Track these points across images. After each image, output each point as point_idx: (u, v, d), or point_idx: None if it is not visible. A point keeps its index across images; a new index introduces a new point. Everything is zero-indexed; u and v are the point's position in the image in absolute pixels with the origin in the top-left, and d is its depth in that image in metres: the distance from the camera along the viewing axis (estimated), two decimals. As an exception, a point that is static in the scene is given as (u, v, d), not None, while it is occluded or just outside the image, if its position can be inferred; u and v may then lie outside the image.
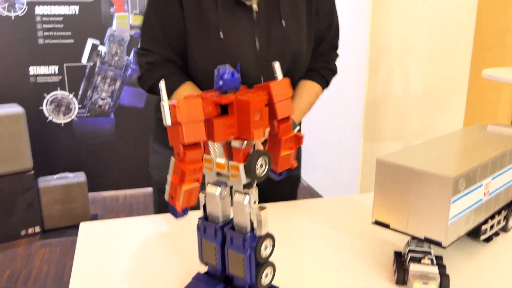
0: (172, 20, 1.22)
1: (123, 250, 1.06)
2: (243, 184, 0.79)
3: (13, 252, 2.61)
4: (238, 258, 0.82)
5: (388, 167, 0.94)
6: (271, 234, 0.82)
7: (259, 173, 0.79)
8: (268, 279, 0.84)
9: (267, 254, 0.83)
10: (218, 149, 0.81)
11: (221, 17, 1.20)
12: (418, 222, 0.91)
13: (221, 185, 0.83)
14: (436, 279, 0.89)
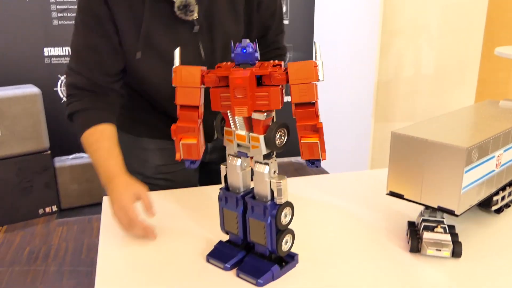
0: (106, 42, 1.11)
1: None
2: (263, 155, 0.83)
3: (31, 230, 2.69)
4: (259, 225, 0.86)
5: (402, 139, 0.97)
6: (291, 202, 0.86)
7: (278, 144, 0.82)
8: (287, 246, 0.88)
9: (287, 222, 0.87)
10: (238, 121, 0.84)
11: (164, 41, 1.13)
12: (431, 192, 0.94)
13: (241, 156, 0.87)
14: (449, 246, 0.93)
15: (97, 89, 1.13)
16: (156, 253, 0.96)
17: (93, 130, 1.07)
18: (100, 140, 1.06)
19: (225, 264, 0.90)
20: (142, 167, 1.30)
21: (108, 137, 1.07)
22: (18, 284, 2.17)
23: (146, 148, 1.30)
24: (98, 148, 1.05)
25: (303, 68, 0.78)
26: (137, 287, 0.85)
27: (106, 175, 1.01)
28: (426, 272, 0.89)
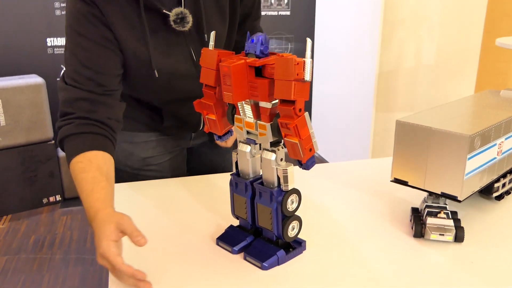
0: (105, 55, 1.06)
1: (158, 208, 1.13)
2: (270, 142, 0.85)
3: (36, 219, 2.72)
4: (266, 211, 0.89)
5: (407, 127, 0.99)
6: (297, 189, 0.89)
7: None
8: (294, 232, 0.91)
9: (293, 208, 0.89)
10: (246, 109, 0.87)
11: (155, 55, 1.11)
12: (435, 179, 0.97)
13: (251, 143, 0.90)
14: (451, 231, 0.96)
15: (96, 96, 1.04)
16: (168, 236, 0.99)
17: (81, 158, 0.95)
18: (86, 170, 0.93)
19: (233, 248, 0.93)
20: (128, 160, 1.30)
21: (96, 167, 0.94)
22: (25, 271, 2.21)
23: (130, 142, 1.29)
24: (82, 179, 0.91)
25: (285, 65, 0.76)
26: (148, 267, 0.88)
27: (89, 214, 0.88)
28: (430, 256, 0.93)
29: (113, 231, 0.80)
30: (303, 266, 0.89)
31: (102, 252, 0.79)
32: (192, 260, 0.91)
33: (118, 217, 0.83)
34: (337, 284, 0.84)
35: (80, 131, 1.00)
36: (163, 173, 1.34)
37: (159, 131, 1.32)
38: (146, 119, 1.29)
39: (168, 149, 1.35)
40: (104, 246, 0.79)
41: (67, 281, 2.14)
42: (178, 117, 1.29)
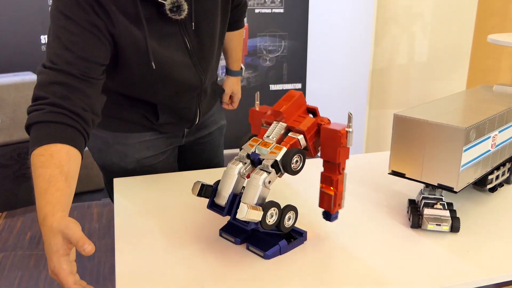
0: (91, 42, 1.01)
1: (159, 202, 1.15)
2: (272, 163, 0.86)
3: (32, 216, 2.72)
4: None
5: (404, 121, 1.02)
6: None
7: (295, 168, 0.88)
8: (290, 222, 0.92)
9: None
10: (278, 129, 0.91)
11: (151, 44, 1.10)
12: (431, 171, 1.00)
13: (251, 159, 0.90)
14: (448, 221, 0.99)
15: (73, 81, 0.96)
16: (171, 228, 1.01)
17: (43, 151, 0.86)
18: (45, 166, 0.84)
19: (236, 238, 0.95)
20: (122, 161, 1.30)
21: (57, 164, 0.85)
22: (22, 268, 2.21)
23: (124, 143, 1.29)
24: (39, 175, 0.83)
25: (333, 135, 0.88)
26: (153, 256, 0.90)
27: (38, 216, 0.80)
28: (427, 245, 0.95)
29: (61, 245, 0.74)
30: (304, 256, 0.92)
31: (53, 269, 0.74)
32: (196, 251, 0.93)
33: (63, 226, 0.75)
34: (337, 273, 0.87)
35: (48, 120, 0.90)
36: (155, 173, 1.34)
37: (153, 130, 1.31)
38: (140, 119, 1.28)
39: (162, 149, 1.35)
40: (55, 263, 0.73)
41: (64, 277, 2.15)
42: (174, 112, 1.30)
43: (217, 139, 1.52)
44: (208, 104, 1.41)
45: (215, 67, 1.34)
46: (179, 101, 1.28)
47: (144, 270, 0.87)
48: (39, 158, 0.86)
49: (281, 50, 3.61)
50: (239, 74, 1.57)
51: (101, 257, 2.32)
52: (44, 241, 0.77)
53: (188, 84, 1.24)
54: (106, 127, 1.27)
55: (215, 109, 1.49)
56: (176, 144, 1.40)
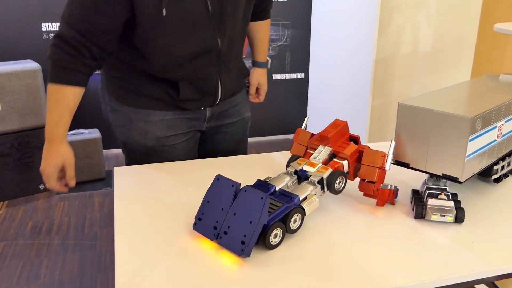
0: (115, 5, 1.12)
1: (158, 190, 1.14)
2: (319, 180, 0.98)
3: (33, 205, 2.72)
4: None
5: (409, 110, 1.00)
6: (304, 211, 0.94)
7: (337, 187, 1.01)
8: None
9: (295, 227, 0.94)
10: (324, 152, 1.04)
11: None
12: (436, 160, 0.98)
13: (298, 175, 1.03)
14: (452, 211, 0.97)
15: (82, 45, 1.13)
16: (172, 218, 1.00)
17: (59, 88, 1.14)
18: (59, 102, 1.14)
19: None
20: (143, 138, 1.31)
21: (67, 104, 1.15)
22: (24, 257, 2.21)
23: (146, 120, 1.30)
24: (53, 109, 1.14)
25: (373, 155, 1.02)
26: (152, 249, 0.89)
27: (48, 136, 1.17)
28: (431, 236, 0.94)
29: (59, 166, 1.17)
30: (303, 245, 0.91)
31: (47, 174, 1.17)
32: (195, 245, 0.92)
33: (66, 157, 1.18)
34: (338, 264, 0.86)
35: (66, 65, 1.13)
36: (175, 154, 1.35)
37: (175, 108, 1.31)
38: (162, 94, 1.29)
39: (183, 129, 1.35)
40: (50, 171, 1.16)
41: (66, 266, 2.15)
42: (195, 86, 1.28)
43: (240, 132, 1.50)
44: (231, 81, 1.37)
45: (238, 44, 1.33)
46: (198, 68, 1.26)
47: (144, 263, 0.86)
48: (55, 95, 1.14)
49: (284, 39, 3.58)
50: (265, 66, 1.57)
51: (102, 246, 2.32)
52: (47, 151, 1.17)
53: (203, 45, 1.23)
54: (129, 103, 1.30)
55: (241, 99, 1.47)
56: (197, 128, 1.39)
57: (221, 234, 0.88)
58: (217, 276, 0.82)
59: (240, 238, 0.85)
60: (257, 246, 0.90)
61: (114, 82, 1.31)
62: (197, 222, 0.93)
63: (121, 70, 1.28)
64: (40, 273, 2.10)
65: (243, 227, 0.86)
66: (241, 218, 0.87)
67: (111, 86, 1.32)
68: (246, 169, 1.26)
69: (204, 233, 0.91)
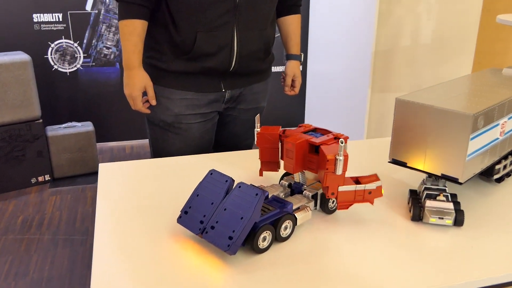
0: None
1: (143, 187, 1.09)
2: (313, 194, 0.96)
3: (25, 199, 2.66)
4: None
5: (406, 106, 0.95)
6: (295, 219, 0.90)
7: (331, 206, 0.98)
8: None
9: (286, 235, 0.89)
10: (307, 174, 0.98)
11: None
12: (435, 160, 0.93)
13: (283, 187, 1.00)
14: (451, 214, 0.92)
15: None
16: (157, 219, 0.95)
17: (129, 23, 1.33)
18: (132, 34, 1.34)
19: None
20: (163, 114, 1.45)
21: (138, 34, 1.35)
22: (13, 252, 2.17)
23: (168, 97, 1.43)
24: (128, 40, 1.34)
25: (323, 159, 0.89)
26: (133, 251, 0.84)
27: (127, 64, 1.37)
28: (428, 240, 0.89)
29: (142, 89, 1.39)
30: (292, 248, 0.85)
31: (134, 96, 1.39)
32: (178, 250, 0.87)
33: (146, 81, 1.40)
34: (331, 267, 0.80)
35: (133, 0, 1.33)
36: (191, 132, 1.46)
37: (195, 87, 1.42)
38: (185, 67, 1.39)
39: (201, 110, 1.45)
40: (136, 93, 1.38)
41: (55, 262, 2.10)
42: (211, 35, 1.34)
43: (252, 119, 1.61)
44: (250, 43, 1.41)
45: (262, 8, 1.39)
46: (214, 17, 1.32)
47: (121, 267, 0.81)
48: (127, 28, 1.34)
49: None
50: (299, 59, 1.64)
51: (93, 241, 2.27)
52: (129, 78, 1.38)
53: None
54: (156, 81, 1.43)
55: (261, 88, 1.56)
56: (216, 109, 1.49)
57: (208, 228, 0.84)
58: (199, 281, 0.76)
59: (228, 234, 0.81)
60: (244, 250, 0.85)
61: (148, 62, 1.45)
62: (182, 216, 0.88)
63: (153, 49, 1.42)
64: (29, 269, 2.05)
65: (233, 223, 0.81)
66: (232, 213, 0.82)
67: (145, 67, 1.45)
68: (241, 166, 1.21)
69: (189, 227, 0.86)
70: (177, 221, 0.89)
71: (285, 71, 1.65)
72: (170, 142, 1.48)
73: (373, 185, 0.90)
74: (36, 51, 3.05)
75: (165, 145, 1.49)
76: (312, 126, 1.00)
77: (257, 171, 1.18)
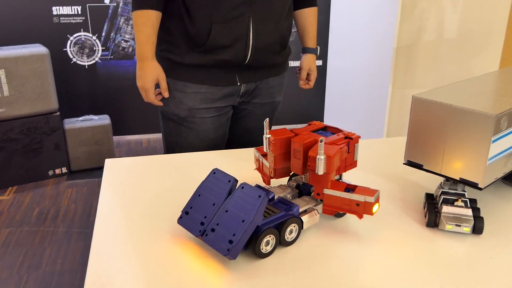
0: None
1: (147, 184, 1.05)
2: None
3: (41, 191, 2.68)
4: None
5: (424, 104, 0.89)
6: (301, 223, 0.85)
7: None
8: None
9: (292, 238, 0.84)
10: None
11: None
12: (454, 163, 0.87)
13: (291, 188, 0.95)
14: (469, 221, 0.86)
15: None
16: (157, 216, 0.91)
17: (143, 13, 1.31)
18: (145, 25, 1.32)
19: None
20: (177, 108, 1.42)
21: (151, 24, 1.32)
22: (27, 244, 2.17)
23: (182, 91, 1.40)
24: (141, 30, 1.32)
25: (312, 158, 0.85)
26: (130, 253, 0.81)
27: (140, 55, 1.34)
28: (444, 248, 0.83)
29: (155, 80, 1.37)
30: (297, 254, 0.80)
31: (147, 88, 1.36)
32: (178, 252, 0.83)
33: (159, 72, 1.37)
34: (336, 277, 0.75)
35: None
36: (205, 127, 1.44)
37: (209, 80, 1.39)
38: (199, 60, 1.36)
39: (215, 104, 1.42)
40: (148, 85, 1.36)
41: (68, 255, 2.10)
42: (227, 27, 1.31)
43: (268, 113, 1.58)
44: (266, 34, 1.37)
45: (279, 12, 1.38)
46: (229, 8, 1.29)
47: (117, 268, 0.78)
48: (140, 18, 1.32)
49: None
50: (315, 52, 1.61)
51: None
52: (141, 69, 1.35)
53: None
54: (169, 74, 1.40)
55: (277, 82, 1.54)
56: (230, 103, 1.46)
57: (208, 231, 0.80)
58: (195, 286, 0.73)
59: (228, 237, 0.76)
60: (245, 254, 0.81)
61: (162, 55, 1.42)
62: (183, 216, 0.84)
63: (166, 42, 1.40)
64: (41, 262, 2.05)
65: (234, 226, 0.77)
66: (233, 215, 0.78)
67: (159, 60, 1.43)
68: (249, 164, 1.16)
69: (189, 228, 0.83)
70: (177, 222, 0.85)
71: (300, 65, 1.61)
72: (183, 137, 1.45)
73: (361, 197, 0.81)
74: (55, 44, 3.06)
75: (178, 140, 1.46)
76: (322, 124, 0.95)
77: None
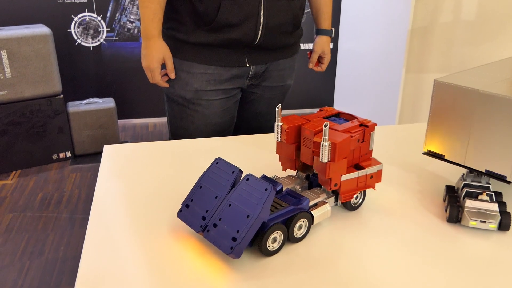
0: None
1: (146, 172, 1.00)
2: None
3: (45, 175, 2.64)
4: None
5: (447, 89, 0.81)
6: (311, 219, 0.79)
7: (354, 202, 0.86)
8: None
9: (301, 234, 0.79)
10: None
11: None
12: (479, 153, 0.79)
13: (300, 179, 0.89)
14: (495, 217, 0.79)
15: None
16: (156, 208, 0.85)
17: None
18: (151, 1, 1.25)
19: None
20: (183, 90, 1.35)
21: (158, 1, 1.26)
22: (29, 230, 2.14)
23: (188, 71, 1.34)
24: (147, 7, 1.25)
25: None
26: (124, 247, 0.75)
27: (145, 33, 1.28)
28: (467, 246, 0.76)
29: (161, 60, 1.30)
30: (306, 252, 0.74)
31: (152, 68, 1.30)
32: (178, 245, 0.77)
33: (165, 52, 1.31)
34: (348, 276, 0.69)
35: None
36: (212, 110, 1.37)
37: (217, 60, 1.32)
38: (206, 39, 1.29)
39: (223, 85, 1.36)
40: (154, 64, 1.29)
41: (71, 242, 2.06)
42: (236, 4, 1.24)
43: (278, 97, 1.51)
44: (277, 12, 1.30)
45: None
46: None
47: (111, 264, 0.72)
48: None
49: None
50: (330, 34, 1.54)
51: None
52: (147, 48, 1.29)
53: None
54: (175, 54, 1.34)
55: (288, 65, 1.47)
56: (239, 85, 1.40)
57: (210, 226, 0.73)
58: (197, 286, 0.67)
59: (232, 234, 0.70)
60: (251, 251, 0.75)
61: (167, 33, 1.36)
62: (183, 209, 0.78)
63: (172, 19, 1.33)
64: (44, 249, 2.01)
65: (238, 221, 0.71)
66: (237, 210, 0.72)
67: (164, 38, 1.36)
68: (263, 150, 1.09)
69: (189, 222, 0.76)
70: (177, 215, 0.79)
71: (313, 47, 1.53)
72: (188, 120, 1.38)
73: (374, 168, 0.81)
74: (59, 25, 2.99)
75: (184, 124, 1.39)
76: (335, 110, 0.87)
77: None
